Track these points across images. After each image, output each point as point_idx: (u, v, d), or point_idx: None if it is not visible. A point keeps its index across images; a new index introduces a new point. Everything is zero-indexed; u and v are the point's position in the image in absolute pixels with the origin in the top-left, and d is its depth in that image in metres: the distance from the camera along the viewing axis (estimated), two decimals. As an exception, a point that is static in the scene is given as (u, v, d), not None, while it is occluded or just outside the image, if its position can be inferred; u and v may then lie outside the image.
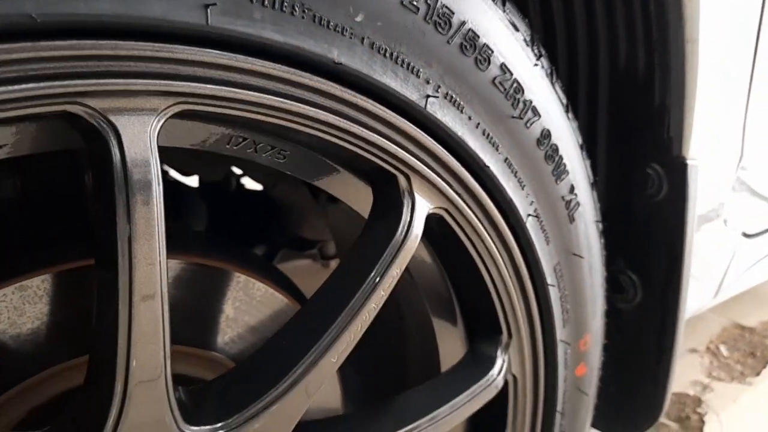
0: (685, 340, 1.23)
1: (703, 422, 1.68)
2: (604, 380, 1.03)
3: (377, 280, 0.56)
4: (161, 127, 0.43)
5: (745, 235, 1.24)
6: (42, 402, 0.57)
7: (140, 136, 0.41)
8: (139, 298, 0.45)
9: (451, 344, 0.73)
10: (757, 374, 1.90)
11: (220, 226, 1.32)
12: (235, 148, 0.55)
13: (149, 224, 0.44)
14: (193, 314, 0.63)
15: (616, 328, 1.01)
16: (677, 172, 0.83)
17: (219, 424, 0.52)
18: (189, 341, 0.63)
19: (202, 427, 0.52)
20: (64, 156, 0.70)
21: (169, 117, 0.43)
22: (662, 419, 1.91)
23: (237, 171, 1.44)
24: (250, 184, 1.51)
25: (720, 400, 1.77)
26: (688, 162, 0.82)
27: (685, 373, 1.90)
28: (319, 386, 0.56)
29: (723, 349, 2.02)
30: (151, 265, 0.45)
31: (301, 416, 0.58)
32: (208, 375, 0.64)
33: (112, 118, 0.40)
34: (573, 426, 0.83)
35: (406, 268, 0.64)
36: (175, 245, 0.58)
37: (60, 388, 0.58)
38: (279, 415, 0.54)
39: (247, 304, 0.66)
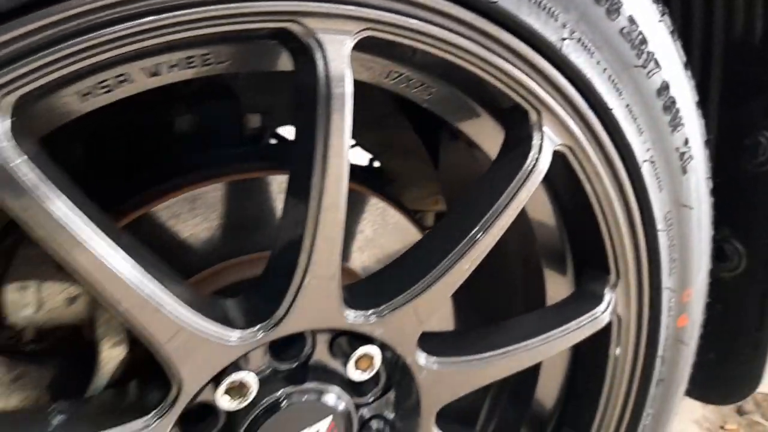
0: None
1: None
2: (703, 348, 1.06)
3: (500, 210, 0.64)
4: (351, 49, 0.53)
5: None
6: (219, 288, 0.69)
7: (340, 56, 0.51)
8: (326, 206, 0.55)
9: (559, 283, 0.79)
10: None
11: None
12: (391, 82, 0.65)
13: (341, 140, 0.54)
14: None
15: (717, 297, 1.03)
16: (790, 139, 0.85)
17: (370, 311, 0.62)
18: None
19: (358, 311, 0.62)
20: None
21: (358, 41, 0.53)
22: (757, 418, 1.85)
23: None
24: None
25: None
26: (801, 129, 0.84)
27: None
28: (452, 289, 0.65)
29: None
30: (339, 179, 0.55)
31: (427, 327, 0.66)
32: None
33: (321, 38, 0.51)
34: (672, 375, 0.87)
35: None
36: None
37: (234, 279, 0.69)
38: (415, 308, 0.63)
39: (383, 228, 0.76)
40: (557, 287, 0.81)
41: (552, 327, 0.75)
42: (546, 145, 0.64)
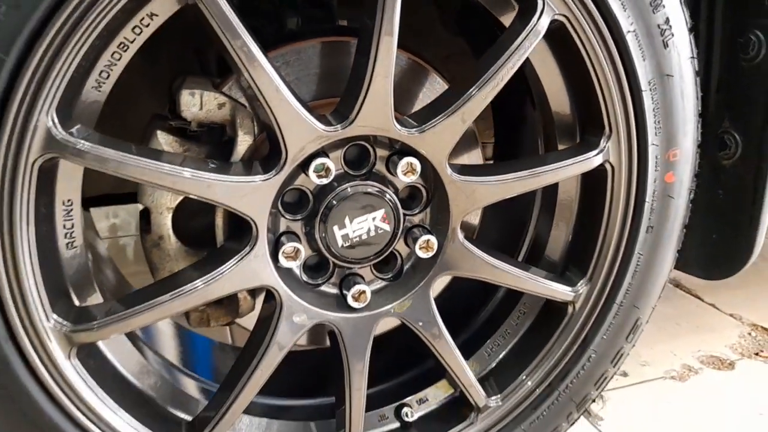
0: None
1: None
2: (708, 231, 1.25)
3: (511, 53, 0.90)
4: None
5: None
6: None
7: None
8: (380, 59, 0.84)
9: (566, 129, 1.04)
10: None
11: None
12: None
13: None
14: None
15: (719, 183, 1.22)
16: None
17: (414, 128, 0.91)
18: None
19: (405, 128, 0.90)
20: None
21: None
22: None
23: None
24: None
25: None
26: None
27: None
28: (472, 116, 0.91)
29: None
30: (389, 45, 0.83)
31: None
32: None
33: None
34: (661, 224, 1.08)
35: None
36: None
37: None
38: (442, 131, 0.91)
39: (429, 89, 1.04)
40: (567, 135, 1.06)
41: (558, 161, 1.00)
42: (546, 11, 0.89)
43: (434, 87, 1.07)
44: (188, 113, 0.89)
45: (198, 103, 0.89)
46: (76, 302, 0.90)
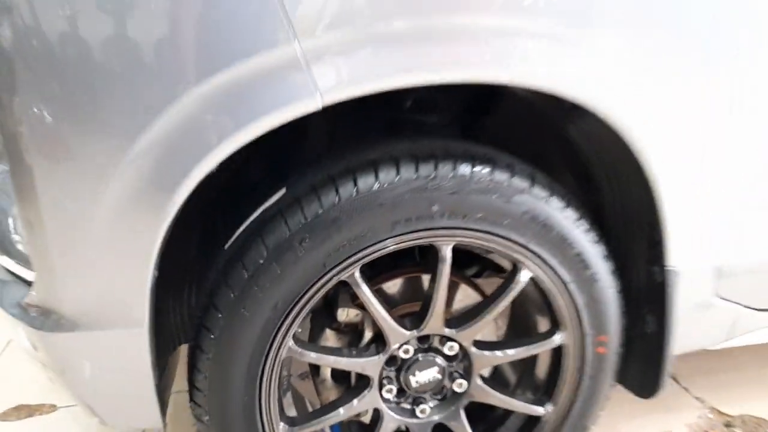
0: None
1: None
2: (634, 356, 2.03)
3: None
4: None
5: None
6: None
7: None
8: None
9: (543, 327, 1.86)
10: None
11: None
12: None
13: None
14: None
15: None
16: None
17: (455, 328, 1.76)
18: None
19: (452, 329, 1.76)
20: None
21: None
22: (738, 432, 2.63)
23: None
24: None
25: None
26: None
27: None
28: (488, 323, 1.75)
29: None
30: None
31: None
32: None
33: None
34: (597, 372, 1.88)
35: None
36: None
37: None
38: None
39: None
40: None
41: (537, 342, 1.82)
42: (524, 273, 1.73)
43: (467, 294, 1.92)
44: (341, 319, 1.78)
45: (345, 315, 1.78)
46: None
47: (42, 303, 1.45)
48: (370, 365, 1.73)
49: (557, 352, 1.87)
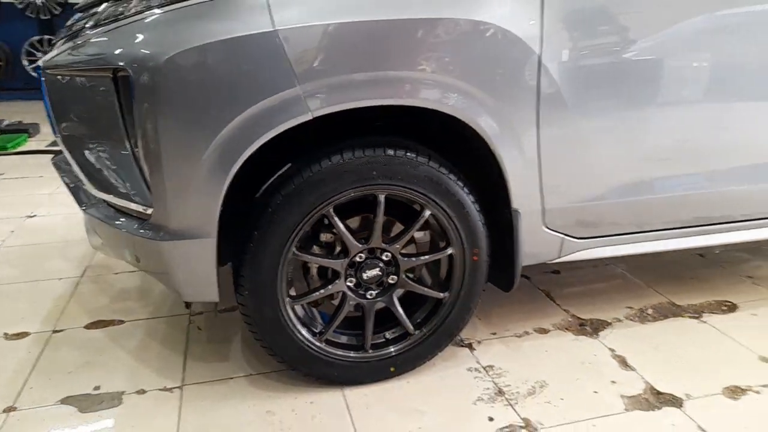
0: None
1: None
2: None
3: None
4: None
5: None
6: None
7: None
8: None
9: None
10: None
11: None
12: None
13: None
14: None
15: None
16: None
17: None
18: None
19: (385, 244, 3.02)
20: None
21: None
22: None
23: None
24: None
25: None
26: None
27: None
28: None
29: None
30: None
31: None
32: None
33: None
34: (473, 272, 3.19)
35: None
36: None
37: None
38: None
39: None
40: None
41: (438, 251, 3.11)
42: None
43: (396, 226, 3.18)
44: (323, 240, 3.02)
45: (325, 237, 3.02)
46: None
47: (155, 221, 2.65)
48: (338, 265, 2.99)
49: (451, 260, 3.16)
